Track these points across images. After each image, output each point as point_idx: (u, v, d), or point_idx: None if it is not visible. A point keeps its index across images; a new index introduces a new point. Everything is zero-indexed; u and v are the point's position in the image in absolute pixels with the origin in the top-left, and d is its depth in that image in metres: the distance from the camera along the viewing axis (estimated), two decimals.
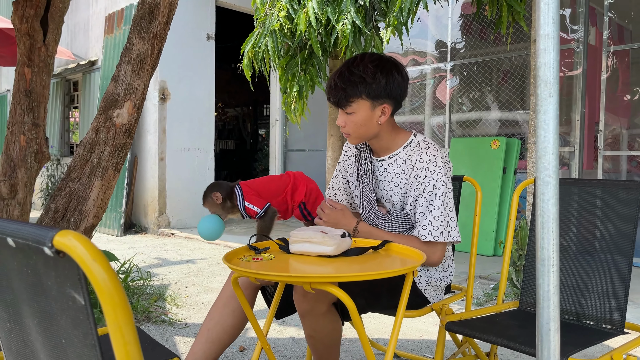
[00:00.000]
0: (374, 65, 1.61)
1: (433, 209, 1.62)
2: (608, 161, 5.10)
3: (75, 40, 7.90)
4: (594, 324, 1.69)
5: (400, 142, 1.73)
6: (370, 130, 1.67)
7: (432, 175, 1.63)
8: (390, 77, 1.62)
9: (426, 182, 1.64)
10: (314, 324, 1.57)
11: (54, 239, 0.54)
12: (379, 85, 1.60)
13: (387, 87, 1.61)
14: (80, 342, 0.61)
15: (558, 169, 1.02)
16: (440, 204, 1.62)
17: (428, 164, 1.64)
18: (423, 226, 1.63)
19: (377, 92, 1.61)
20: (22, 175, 3.19)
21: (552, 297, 1.02)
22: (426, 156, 1.66)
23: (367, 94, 1.61)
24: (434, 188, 1.63)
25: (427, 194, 1.63)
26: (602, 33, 4.67)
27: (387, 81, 1.61)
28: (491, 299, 3.33)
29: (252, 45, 3.62)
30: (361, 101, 1.62)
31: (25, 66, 3.26)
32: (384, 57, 1.66)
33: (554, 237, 1.01)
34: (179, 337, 2.67)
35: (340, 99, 1.63)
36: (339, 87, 1.62)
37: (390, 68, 1.63)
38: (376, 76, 1.60)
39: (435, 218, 1.62)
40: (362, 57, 1.64)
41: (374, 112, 1.64)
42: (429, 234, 1.62)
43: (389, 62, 1.64)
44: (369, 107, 1.63)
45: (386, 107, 1.64)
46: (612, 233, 1.75)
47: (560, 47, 1.02)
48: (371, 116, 1.64)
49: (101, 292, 0.51)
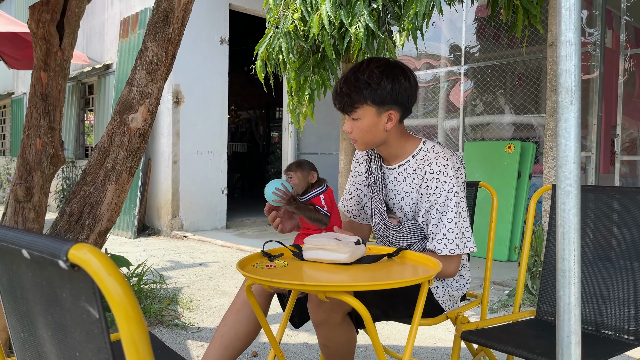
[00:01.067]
0: (380, 71, 1.57)
1: (446, 222, 1.59)
2: (625, 165, 5.03)
3: (91, 44, 7.98)
4: (613, 334, 1.65)
5: (409, 150, 1.69)
6: (377, 136, 1.64)
7: (444, 186, 1.60)
8: (397, 82, 1.58)
9: (437, 194, 1.60)
10: (328, 333, 1.55)
11: (69, 252, 0.53)
12: (385, 91, 1.57)
13: (393, 92, 1.58)
14: (95, 355, 0.60)
15: (579, 178, 1.00)
16: (454, 216, 1.58)
17: (439, 175, 1.61)
18: (438, 240, 1.59)
19: (383, 98, 1.57)
20: (37, 178, 3.22)
21: (573, 309, 0.99)
22: (436, 166, 1.62)
23: (372, 99, 1.57)
24: (445, 199, 1.59)
25: (439, 206, 1.60)
26: (619, 36, 4.61)
27: (393, 87, 1.57)
28: (506, 305, 3.29)
29: (266, 47, 3.62)
30: (366, 107, 1.58)
31: (41, 70, 3.29)
32: (391, 62, 1.62)
33: (576, 248, 0.99)
34: (192, 342, 2.67)
35: (345, 104, 1.60)
36: (344, 92, 1.59)
37: (397, 73, 1.59)
38: (382, 82, 1.56)
39: (450, 231, 1.58)
40: (369, 62, 1.61)
41: (380, 118, 1.60)
42: (444, 248, 1.58)
43: (396, 67, 1.60)
44: (374, 113, 1.59)
45: (392, 113, 1.61)
46: (631, 239, 1.71)
47: None
48: (377, 122, 1.61)
49: (115, 307, 0.50)
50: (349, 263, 1.41)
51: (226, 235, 6.23)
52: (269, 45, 3.60)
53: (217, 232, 6.48)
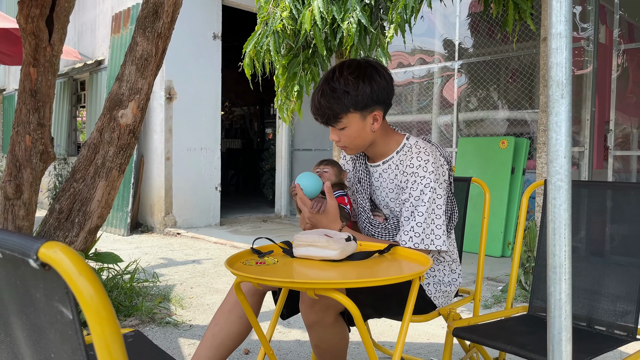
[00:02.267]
0: (355, 76, 1.54)
1: (417, 215, 1.57)
2: (618, 161, 5.04)
3: (82, 40, 7.92)
4: (605, 329, 1.65)
5: (393, 147, 1.68)
6: (365, 139, 1.63)
7: (421, 180, 1.58)
8: (374, 82, 1.55)
9: (414, 187, 1.59)
10: (321, 334, 1.53)
11: (39, 251, 0.51)
12: (365, 95, 1.54)
13: (373, 94, 1.55)
14: (70, 357, 0.58)
15: (570, 173, 0.98)
16: (425, 211, 1.56)
17: (418, 169, 1.59)
18: (405, 231, 1.58)
19: (365, 102, 1.55)
20: (27, 175, 3.19)
21: (564, 305, 0.98)
22: (416, 161, 1.60)
23: (354, 106, 1.55)
24: (420, 193, 1.58)
25: (414, 199, 1.58)
26: (612, 31, 4.61)
27: (372, 88, 1.54)
28: (499, 301, 3.28)
29: (254, 45, 3.60)
30: (350, 115, 1.56)
31: (30, 66, 3.25)
32: (362, 63, 1.59)
33: (566, 243, 0.97)
34: (183, 339, 2.65)
35: (328, 117, 1.57)
36: (324, 106, 1.55)
37: (371, 73, 1.55)
38: (359, 86, 1.53)
39: (418, 225, 1.56)
40: (340, 70, 1.57)
41: (365, 121, 1.59)
42: (409, 240, 1.56)
43: (368, 68, 1.57)
44: (359, 118, 1.58)
45: (377, 113, 1.59)
46: (624, 234, 1.70)
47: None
48: (363, 126, 1.59)
49: (87, 308, 0.48)
50: (339, 260, 1.40)
51: (220, 232, 6.21)
52: (257, 43, 3.58)
53: (210, 229, 6.45)
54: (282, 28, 3.50)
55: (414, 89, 6.39)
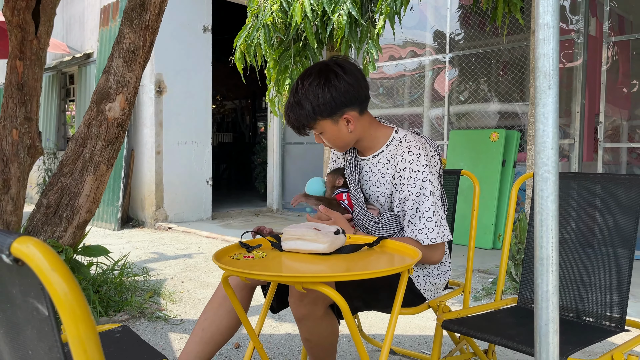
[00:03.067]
0: (314, 86, 1.54)
1: (424, 211, 1.58)
2: (608, 153, 5.06)
3: (71, 33, 7.83)
4: (594, 320, 1.65)
5: (382, 140, 1.68)
6: (346, 140, 1.65)
7: (417, 175, 1.59)
8: (333, 88, 1.54)
9: (412, 184, 1.59)
10: (310, 328, 1.53)
11: (11, 246, 0.50)
12: (326, 102, 1.55)
13: (335, 99, 1.55)
14: (47, 354, 0.57)
15: (558, 164, 0.98)
16: (431, 205, 1.58)
17: (411, 164, 1.60)
18: (419, 230, 1.58)
19: (329, 108, 1.55)
20: (14, 170, 3.15)
21: (551, 297, 0.98)
22: (408, 156, 1.61)
23: (320, 114, 1.56)
24: (421, 188, 1.58)
25: (415, 196, 1.59)
26: (602, 24, 4.62)
27: (332, 95, 1.54)
28: (490, 293, 3.30)
29: (245, 39, 3.57)
30: (320, 122, 1.58)
31: (17, 59, 3.21)
32: (322, 68, 1.57)
33: (553, 235, 0.97)
34: (174, 334, 2.64)
35: (299, 128, 1.61)
36: (292, 118, 1.60)
37: (330, 79, 1.54)
38: (319, 95, 1.54)
39: (429, 220, 1.58)
40: (302, 80, 1.58)
41: (338, 125, 1.60)
42: (425, 238, 1.58)
43: (329, 72, 1.56)
44: (330, 123, 1.59)
45: (348, 115, 1.59)
46: (614, 226, 1.71)
47: (560, 37, 0.97)
48: (338, 130, 1.61)
49: (61, 305, 0.47)
50: (328, 253, 1.39)
51: (211, 226, 6.19)
52: (248, 37, 3.55)
53: (202, 223, 6.43)
54: (273, 21, 3.47)
55: (405, 82, 6.38)
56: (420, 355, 2.32)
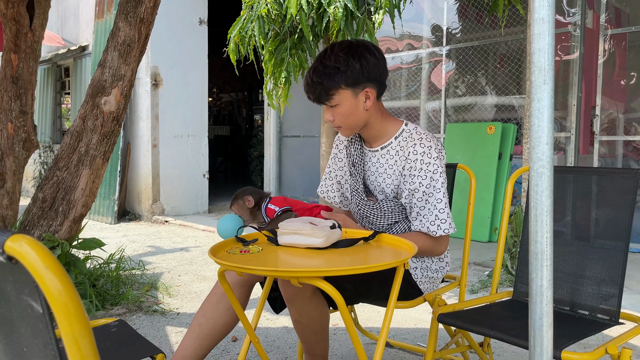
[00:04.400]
0: (345, 53, 1.58)
1: (436, 203, 1.61)
2: (604, 146, 5.08)
3: (66, 26, 7.78)
4: (588, 313, 1.66)
5: (391, 131, 1.70)
6: (359, 118, 1.65)
7: (429, 167, 1.61)
8: (364, 60, 1.59)
9: (422, 176, 1.62)
10: (299, 308, 1.55)
11: (4, 244, 0.49)
12: (354, 71, 1.58)
13: (364, 70, 1.59)
14: (41, 351, 0.57)
15: (552, 159, 0.98)
16: (442, 197, 1.61)
17: (423, 156, 1.62)
18: (431, 222, 1.61)
19: (355, 77, 1.58)
20: (10, 163, 3.14)
21: (546, 291, 0.99)
22: (420, 148, 1.63)
23: (345, 82, 1.58)
24: (432, 180, 1.61)
25: (426, 187, 1.61)
26: (599, 16, 4.61)
27: (362, 64, 1.58)
28: (486, 286, 3.31)
29: (239, 30, 3.55)
30: (341, 91, 1.59)
31: (11, 52, 3.19)
32: (353, 42, 1.63)
33: (548, 230, 0.97)
34: (171, 327, 2.65)
35: (320, 94, 1.60)
36: (316, 82, 1.60)
37: (361, 51, 1.60)
38: (349, 63, 1.57)
39: (441, 211, 1.61)
40: (332, 48, 1.62)
41: (357, 98, 1.61)
42: (438, 229, 1.61)
43: (360, 46, 1.61)
44: (350, 95, 1.60)
45: (369, 90, 1.62)
46: (609, 219, 1.72)
47: (557, 30, 0.97)
48: (356, 103, 1.62)
49: (54, 303, 0.47)
50: (324, 247, 1.39)
51: (208, 220, 6.19)
52: (242, 29, 3.53)
53: (198, 217, 6.43)
54: (267, 13, 3.45)
55: (402, 75, 6.37)
56: (416, 348, 2.34)
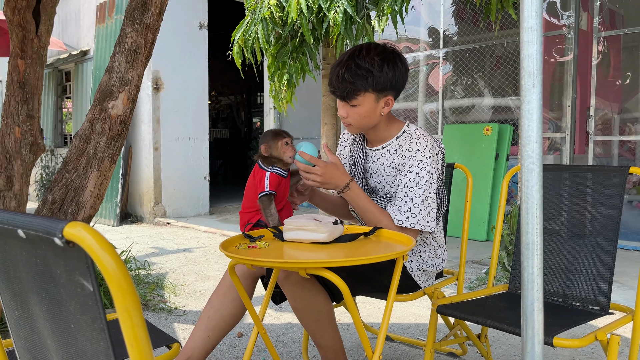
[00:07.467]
0: (381, 58, 1.60)
1: (414, 196, 1.63)
2: (599, 146, 5.17)
3: (67, 30, 7.85)
4: (580, 305, 1.75)
5: (394, 132, 1.76)
6: (372, 121, 1.69)
7: (418, 164, 1.65)
8: (396, 68, 1.61)
9: (411, 170, 1.66)
10: (294, 291, 1.58)
11: (64, 230, 0.57)
12: (386, 78, 1.60)
13: (394, 79, 1.62)
14: (89, 326, 0.65)
15: (542, 156, 1.06)
16: (422, 193, 1.63)
17: (416, 154, 1.67)
18: (402, 211, 1.63)
19: (384, 84, 1.61)
20: (17, 167, 3.21)
21: (536, 279, 1.07)
22: (415, 146, 1.68)
23: (374, 87, 1.60)
24: (416, 176, 1.65)
25: (409, 180, 1.65)
26: (593, 18, 4.70)
27: (394, 73, 1.61)
28: (483, 283, 3.39)
29: (243, 33, 3.63)
30: (367, 94, 1.61)
31: (18, 58, 3.26)
32: (387, 47, 1.65)
33: (538, 222, 1.06)
34: (178, 324, 2.72)
35: (348, 92, 1.61)
36: (347, 80, 1.60)
37: (394, 59, 1.62)
38: (383, 69, 1.59)
39: (415, 205, 1.63)
40: (368, 49, 1.63)
41: (378, 104, 1.65)
42: (406, 220, 1.63)
43: (393, 53, 1.64)
44: (373, 99, 1.63)
45: (390, 98, 1.66)
46: (599, 216, 1.80)
47: (551, 33, 1.06)
48: (375, 108, 1.65)
49: (110, 280, 0.55)
50: (327, 242, 1.47)
51: (210, 221, 6.26)
52: (246, 32, 3.61)
53: (200, 219, 6.50)
54: (270, 15, 3.53)
55: None
56: (416, 341, 2.42)
